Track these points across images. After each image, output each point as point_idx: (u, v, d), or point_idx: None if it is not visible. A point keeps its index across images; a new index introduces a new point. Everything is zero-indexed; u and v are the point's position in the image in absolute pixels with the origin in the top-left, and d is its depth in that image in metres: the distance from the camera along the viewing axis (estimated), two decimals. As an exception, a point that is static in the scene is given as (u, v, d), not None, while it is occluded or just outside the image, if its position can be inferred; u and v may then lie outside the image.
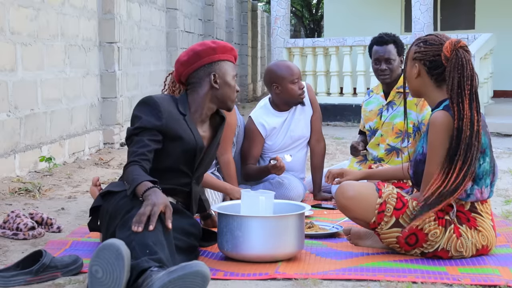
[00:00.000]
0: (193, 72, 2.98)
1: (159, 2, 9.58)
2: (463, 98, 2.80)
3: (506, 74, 12.44)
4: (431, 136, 2.84)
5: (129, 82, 8.11)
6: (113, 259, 2.28)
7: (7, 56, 5.14)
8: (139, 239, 2.43)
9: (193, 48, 3.00)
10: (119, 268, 2.27)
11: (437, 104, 2.93)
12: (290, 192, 4.12)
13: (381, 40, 4.23)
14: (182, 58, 3.00)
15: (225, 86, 2.98)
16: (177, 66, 3.03)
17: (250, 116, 4.36)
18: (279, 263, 2.84)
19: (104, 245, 2.31)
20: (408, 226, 2.83)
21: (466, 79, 2.82)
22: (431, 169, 2.85)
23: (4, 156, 5.01)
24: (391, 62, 4.19)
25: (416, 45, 2.97)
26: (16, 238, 3.32)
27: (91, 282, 2.31)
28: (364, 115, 4.39)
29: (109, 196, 2.79)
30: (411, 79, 3.00)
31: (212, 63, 2.97)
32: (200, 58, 2.96)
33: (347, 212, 2.99)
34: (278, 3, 10.90)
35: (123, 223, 2.56)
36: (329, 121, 10.35)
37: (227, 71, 2.99)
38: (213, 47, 2.98)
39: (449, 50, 2.86)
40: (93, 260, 2.31)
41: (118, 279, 2.27)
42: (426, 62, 2.92)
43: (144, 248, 2.41)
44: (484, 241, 2.91)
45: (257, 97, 17.89)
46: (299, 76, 4.22)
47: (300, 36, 27.19)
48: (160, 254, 2.40)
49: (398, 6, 13.86)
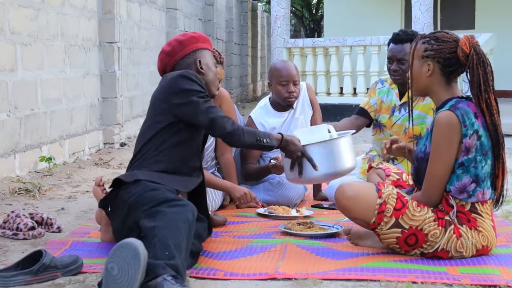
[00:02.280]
0: (180, 59, 3.10)
1: (159, 2, 9.58)
2: (489, 94, 2.84)
3: (506, 74, 12.45)
4: (435, 136, 2.83)
5: (129, 82, 8.11)
6: (130, 258, 2.30)
7: (7, 56, 5.14)
8: (163, 237, 2.46)
9: (176, 38, 3.15)
10: (134, 268, 2.29)
11: (442, 104, 2.91)
12: (290, 192, 4.12)
13: (398, 38, 4.01)
14: (166, 49, 3.13)
15: (209, 72, 3.15)
16: (162, 57, 3.14)
17: (250, 116, 4.36)
18: (279, 262, 2.84)
19: (122, 244, 2.33)
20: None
21: (488, 75, 2.84)
22: (433, 169, 2.84)
23: (4, 156, 5.01)
24: (404, 63, 3.99)
25: (425, 43, 2.91)
26: (16, 238, 3.32)
27: (106, 278, 2.32)
28: (378, 104, 4.16)
29: (130, 185, 2.81)
30: (421, 77, 2.94)
31: (196, 50, 3.14)
32: (184, 46, 3.11)
33: (347, 212, 2.99)
34: (278, 3, 10.90)
35: (150, 213, 2.60)
36: (329, 121, 10.33)
37: (209, 58, 3.17)
38: (195, 36, 3.16)
39: (468, 46, 2.84)
40: (110, 257, 2.33)
41: (133, 278, 2.28)
42: (440, 59, 2.88)
43: (164, 249, 2.42)
44: (484, 242, 2.90)
45: (257, 97, 17.88)
46: (289, 80, 4.15)
47: (300, 36, 27.19)
48: (177, 261, 2.42)
49: (398, 6, 13.87)
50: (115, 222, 2.88)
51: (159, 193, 2.72)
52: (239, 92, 15.92)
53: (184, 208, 2.62)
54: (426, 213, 2.87)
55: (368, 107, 4.21)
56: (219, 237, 3.31)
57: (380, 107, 4.18)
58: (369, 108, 4.20)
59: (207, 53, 3.17)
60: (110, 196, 2.93)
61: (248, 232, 3.45)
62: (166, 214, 2.57)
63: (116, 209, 2.84)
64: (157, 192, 2.72)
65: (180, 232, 2.51)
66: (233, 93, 14.43)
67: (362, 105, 4.24)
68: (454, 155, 2.82)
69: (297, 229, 3.40)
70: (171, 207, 2.61)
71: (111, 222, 2.95)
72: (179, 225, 2.53)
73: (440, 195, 2.89)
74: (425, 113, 3.99)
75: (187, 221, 2.57)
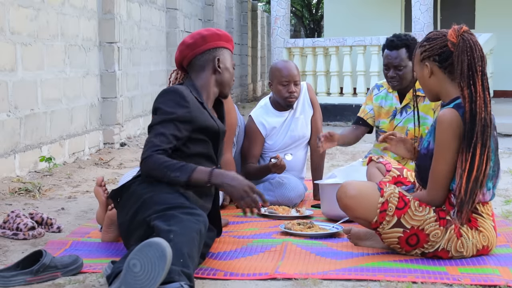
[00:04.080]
0: (199, 54, 3.03)
1: (159, 2, 9.58)
2: (475, 80, 2.76)
3: (506, 74, 12.45)
4: (438, 133, 2.82)
5: (129, 82, 8.11)
6: (156, 258, 2.26)
7: (7, 56, 5.14)
8: (178, 243, 2.41)
9: (199, 32, 3.06)
10: (159, 268, 2.25)
11: (448, 102, 2.89)
12: (290, 192, 4.12)
13: (392, 45, 3.99)
14: (188, 41, 3.05)
15: (226, 72, 3.06)
16: (182, 48, 3.05)
17: (250, 115, 4.36)
18: (279, 262, 2.84)
19: (150, 242, 2.29)
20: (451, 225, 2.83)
21: (476, 61, 2.78)
22: (437, 167, 2.83)
23: (4, 156, 5.01)
24: (401, 69, 3.96)
25: (420, 47, 2.93)
26: (16, 238, 3.32)
27: (126, 274, 2.28)
28: (375, 110, 4.17)
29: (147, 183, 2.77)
30: (425, 81, 2.94)
31: (216, 48, 3.05)
32: (206, 42, 3.03)
33: (349, 211, 2.99)
34: (278, 3, 10.90)
35: (164, 216, 2.55)
36: (329, 121, 10.35)
37: (228, 58, 3.09)
38: (219, 33, 3.07)
39: (454, 36, 2.82)
40: (134, 253, 2.28)
41: (155, 278, 2.25)
42: (435, 57, 2.88)
43: (179, 256, 2.38)
44: (484, 242, 2.90)
45: (257, 97, 17.88)
46: (290, 80, 4.16)
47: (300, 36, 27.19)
48: (191, 270, 2.39)
49: (398, 6, 13.87)
50: (122, 215, 2.82)
51: (175, 197, 2.67)
52: (239, 92, 15.93)
53: (198, 218, 2.57)
54: (428, 213, 2.86)
55: (364, 115, 4.23)
56: (219, 237, 3.30)
57: (379, 113, 4.18)
58: (366, 115, 4.23)
59: (227, 53, 3.09)
60: (123, 188, 2.87)
61: (248, 232, 3.45)
62: (182, 220, 2.51)
63: (128, 202, 2.79)
64: (173, 196, 2.68)
65: (193, 243, 2.47)
66: (233, 93, 14.44)
67: (359, 114, 4.26)
68: (457, 153, 2.81)
69: (297, 229, 3.40)
70: (186, 215, 2.55)
71: (118, 215, 2.89)
72: (193, 235, 2.49)
73: (445, 194, 2.87)
74: (425, 114, 3.99)
75: (200, 232, 2.53)
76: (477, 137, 2.74)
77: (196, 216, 2.57)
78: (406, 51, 3.98)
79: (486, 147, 2.76)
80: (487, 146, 2.76)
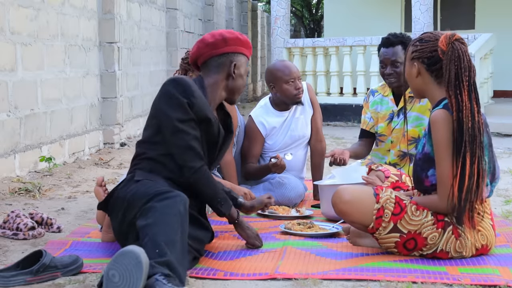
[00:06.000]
0: (216, 56, 3.00)
1: (159, 2, 9.58)
2: (461, 90, 2.78)
3: (506, 74, 12.44)
4: (434, 134, 2.82)
5: (129, 82, 8.11)
6: (132, 266, 2.28)
7: (7, 56, 5.14)
8: (153, 235, 2.45)
9: (221, 33, 3.03)
10: (136, 276, 2.27)
11: (437, 103, 2.92)
12: (290, 192, 4.12)
13: (388, 42, 4.01)
14: (208, 39, 3.01)
15: (240, 78, 3.04)
16: (201, 46, 3.02)
17: (250, 115, 4.36)
18: (279, 262, 2.84)
19: (123, 251, 2.31)
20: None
21: (463, 71, 2.80)
22: (441, 168, 2.81)
23: (4, 156, 5.01)
24: (397, 65, 3.97)
25: (412, 45, 2.96)
26: (16, 238, 3.32)
27: (107, 284, 2.30)
28: (373, 116, 4.18)
29: (127, 183, 2.82)
30: (412, 79, 2.98)
31: (235, 53, 3.02)
32: (227, 44, 3.00)
33: (345, 216, 2.98)
34: (278, 3, 10.90)
35: (144, 211, 2.59)
36: (329, 121, 10.35)
37: (244, 65, 3.07)
38: (240, 38, 3.04)
39: (444, 44, 2.85)
40: (111, 264, 2.31)
41: (134, 285, 2.26)
42: (424, 59, 2.90)
43: (155, 247, 2.41)
44: (483, 241, 2.90)
45: (257, 97, 17.88)
46: (295, 77, 4.18)
47: (300, 36, 27.19)
48: (169, 256, 2.40)
49: (398, 6, 13.86)
50: (114, 221, 2.87)
51: (151, 187, 2.70)
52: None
53: (175, 199, 2.57)
54: (425, 217, 2.86)
55: (366, 126, 4.25)
56: (219, 237, 3.31)
57: (377, 118, 4.19)
58: (367, 126, 4.24)
59: (244, 59, 3.05)
60: (108, 197, 2.92)
61: (248, 232, 3.44)
62: (157, 210, 2.54)
63: (115, 207, 2.83)
64: (150, 187, 2.71)
65: (171, 227, 2.48)
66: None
67: (361, 126, 4.29)
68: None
69: (297, 229, 3.40)
70: (161, 201, 2.57)
71: (112, 221, 2.94)
72: (171, 219, 2.50)
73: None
74: (422, 115, 3.97)
75: (179, 213, 2.54)
76: (465, 146, 2.74)
77: (172, 198, 2.58)
78: (402, 48, 4.00)
79: (476, 156, 2.75)
80: (477, 156, 2.76)
